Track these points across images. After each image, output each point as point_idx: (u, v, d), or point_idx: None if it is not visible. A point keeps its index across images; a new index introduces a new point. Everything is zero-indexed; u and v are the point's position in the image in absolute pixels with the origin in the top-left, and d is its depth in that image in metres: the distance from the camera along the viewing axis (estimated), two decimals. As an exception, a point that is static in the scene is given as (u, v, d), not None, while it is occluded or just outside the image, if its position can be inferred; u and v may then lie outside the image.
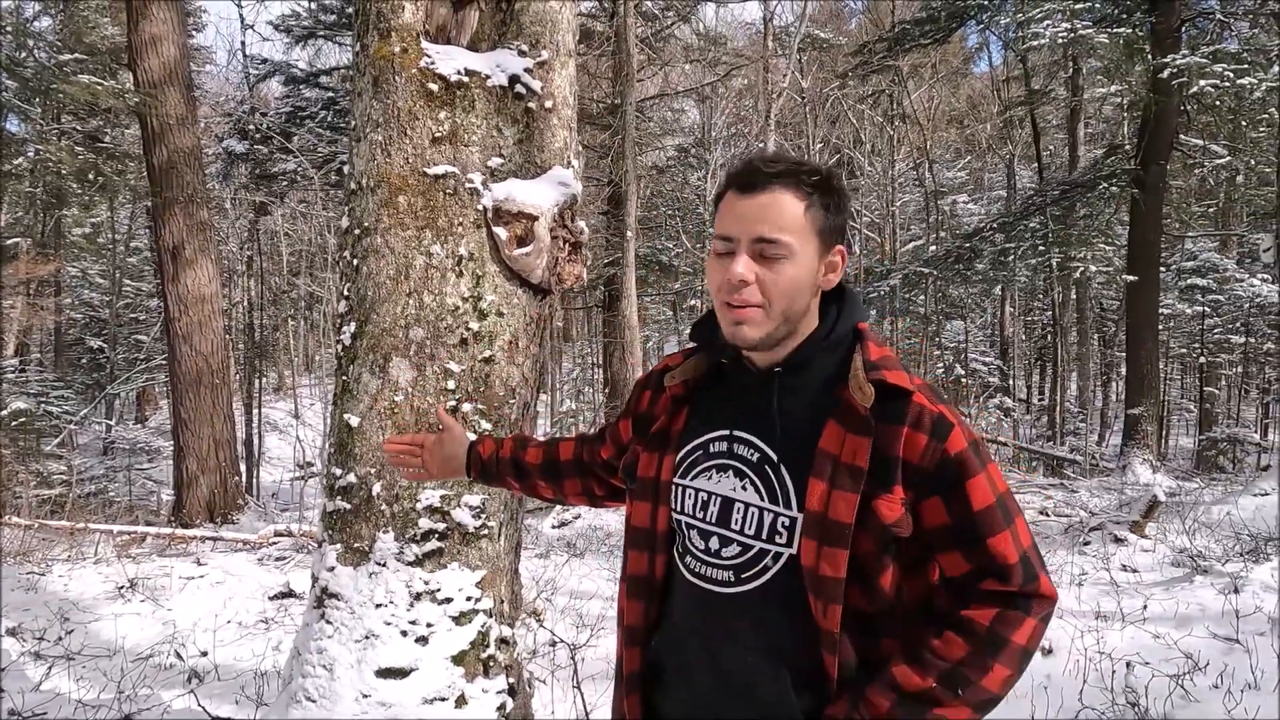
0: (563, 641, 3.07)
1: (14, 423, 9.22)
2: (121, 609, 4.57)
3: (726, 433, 1.07)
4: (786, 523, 1.02)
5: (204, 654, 3.95)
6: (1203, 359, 15.83)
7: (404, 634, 1.71)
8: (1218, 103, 8.40)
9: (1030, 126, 15.32)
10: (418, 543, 1.77)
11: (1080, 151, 15.32)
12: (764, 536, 1.03)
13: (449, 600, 1.75)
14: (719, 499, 1.06)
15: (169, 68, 7.79)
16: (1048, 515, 6.71)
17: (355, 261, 1.91)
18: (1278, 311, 14.20)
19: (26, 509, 7.38)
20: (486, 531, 1.84)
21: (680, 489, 1.09)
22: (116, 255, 18.17)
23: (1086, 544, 5.56)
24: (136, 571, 5.15)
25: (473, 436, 1.42)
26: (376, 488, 1.79)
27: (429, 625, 1.72)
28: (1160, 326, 12.02)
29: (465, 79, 1.89)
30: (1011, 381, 19.98)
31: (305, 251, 22.55)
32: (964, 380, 18.36)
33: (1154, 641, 3.25)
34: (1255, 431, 16.80)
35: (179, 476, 8.08)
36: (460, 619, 1.76)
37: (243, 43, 15.56)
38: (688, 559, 1.08)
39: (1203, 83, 8.18)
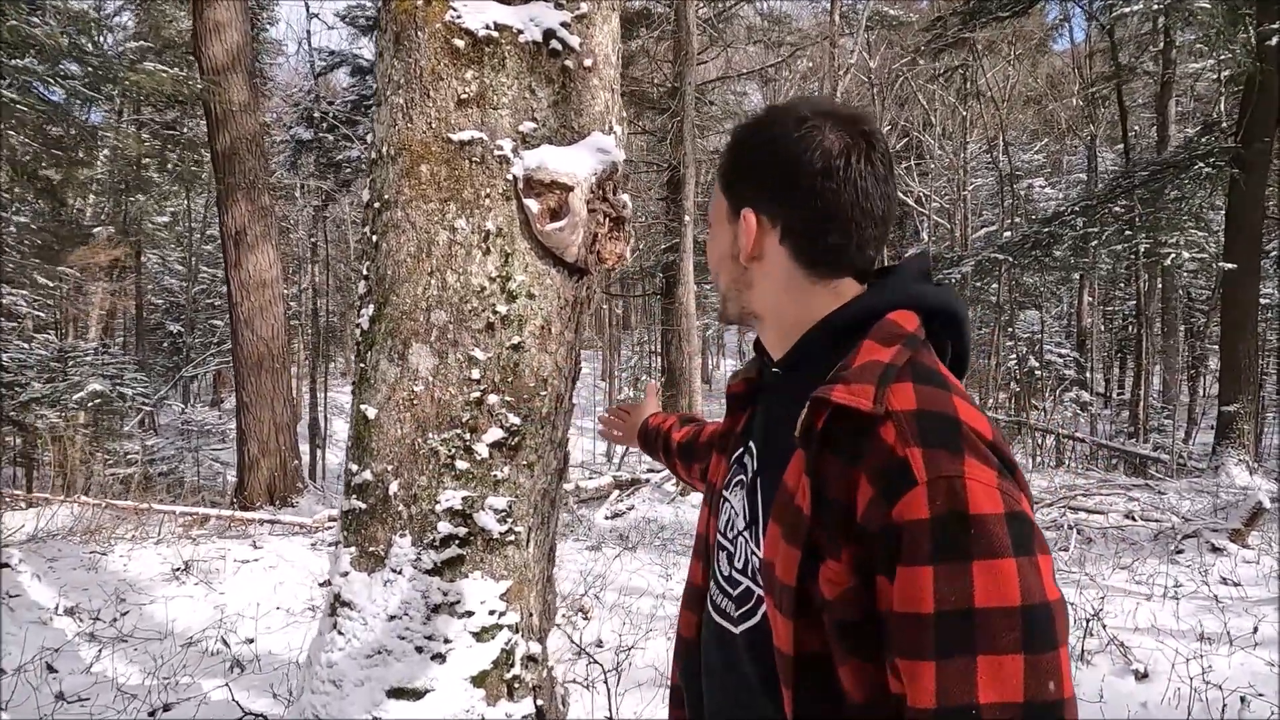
0: (596, 662, 2.89)
1: (90, 403, 9.57)
2: (175, 591, 4.60)
3: (751, 442, 0.93)
4: (757, 563, 0.82)
5: (250, 641, 3.92)
6: (1305, 353, 14.73)
7: (419, 650, 1.54)
8: (1335, 72, 7.65)
9: (1116, 105, 14.42)
10: (436, 549, 1.60)
11: (1170, 131, 14.35)
12: (749, 574, 0.85)
13: (470, 614, 1.57)
14: (737, 519, 0.90)
15: (232, 54, 7.86)
16: (1134, 519, 6.23)
17: (375, 238, 1.74)
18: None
19: (98, 488, 7.61)
20: (513, 538, 1.65)
21: (722, 500, 0.96)
22: (193, 242, 18.81)
23: (1179, 552, 5.12)
24: (193, 553, 5.20)
25: (656, 408, 1.58)
26: (394, 486, 1.63)
27: (447, 641, 1.55)
28: (1258, 318, 11.15)
29: (495, 34, 1.70)
30: (1089, 375, 19.03)
31: (370, 239, 22.94)
32: (1038, 373, 17.56)
33: (1268, 670, 2.89)
34: (1362, 431, 15.60)
35: (241, 459, 8.22)
36: (482, 635, 1.58)
37: (308, 31, 15.83)
38: (712, 585, 0.93)
39: (1317, 50, 7.46)
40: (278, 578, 4.98)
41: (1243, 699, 2.59)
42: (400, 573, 1.59)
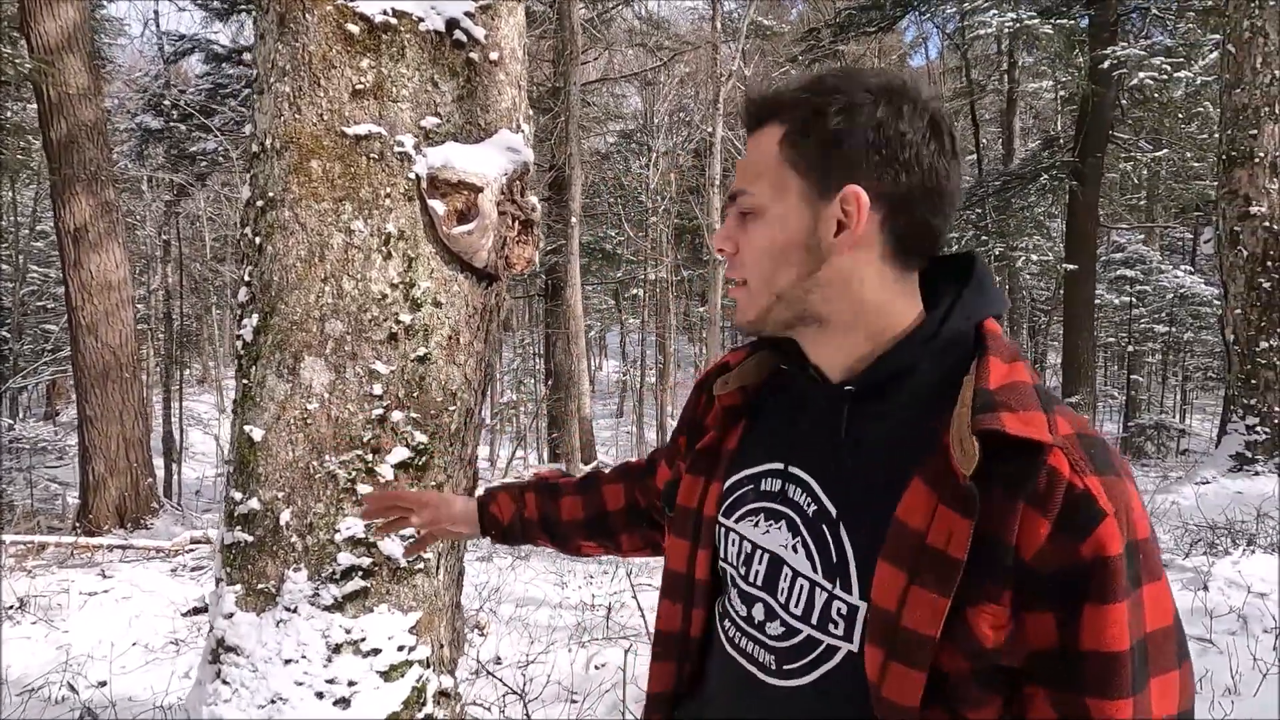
0: (513, 691, 2.77)
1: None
2: (9, 633, 4.09)
3: (782, 466, 0.79)
4: (844, 610, 0.72)
5: (102, 684, 3.53)
6: (1130, 347, 16.36)
7: (320, 696, 1.39)
8: (1156, 94, 8.52)
9: (969, 119, 15.51)
10: (337, 582, 1.45)
11: (1016, 145, 15.57)
12: (814, 621, 0.74)
13: (376, 651, 1.44)
14: (767, 556, 0.78)
15: (68, 32, 7.11)
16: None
17: (258, 240, 1.57)
18: (1217, 299, 14.68)
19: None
20: (422, 565, 1.53)
21: (724, 530, 0.83)
22: (19, 239, 16.90)
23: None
24: (30, 588, 4.65)
25: (476, 493, 1.18)
26: (285, 515, 1.47)
27: (351, 684, 1.41)
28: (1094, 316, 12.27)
29: (393, 20, 1.57)
30: (948, 370, 20.30)
31: (230, 237, 21.46)
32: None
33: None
34: (1174, 417, 17.52)
35: (84, 479, 7.45)
36: (390, 674, 1.45)
37: (155, 13, 14.58)
38: (726, 623, 0.82)
39: (1142, 74, 8.29)
40: (133, 610, 4.53)
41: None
42: (295, 611, 1.44)
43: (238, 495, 1.52)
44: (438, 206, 1.57)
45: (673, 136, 20.55)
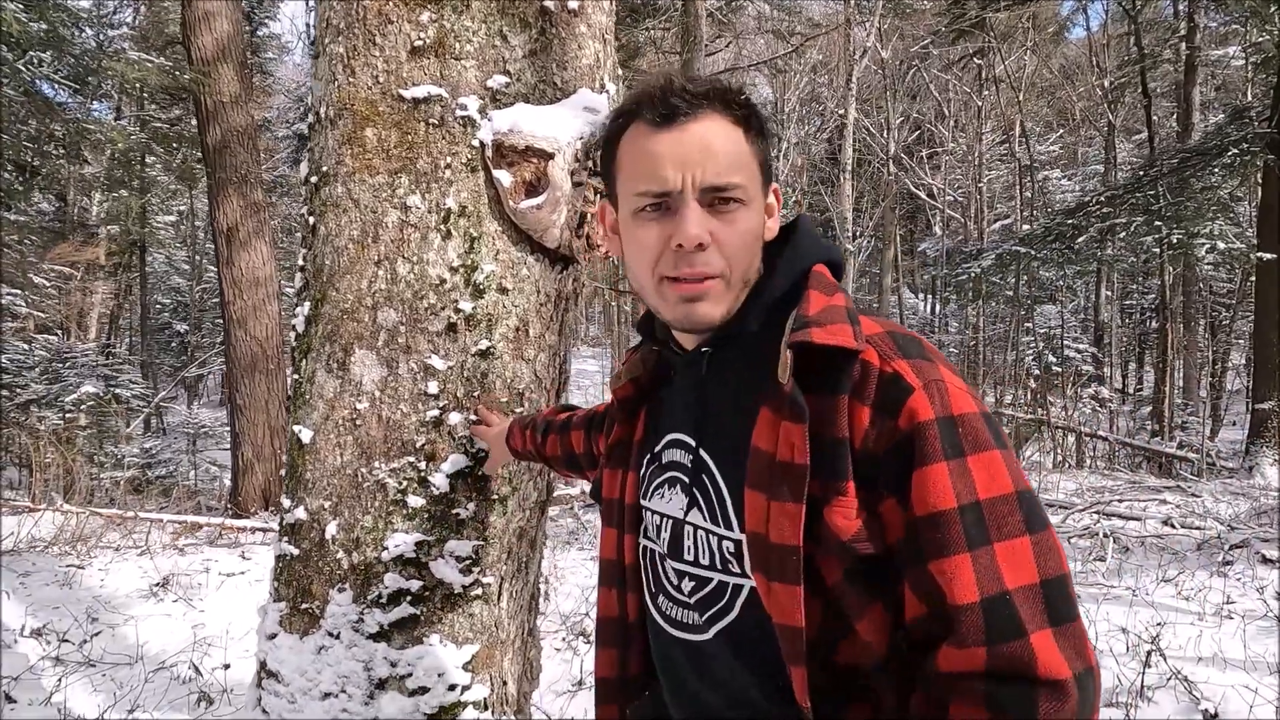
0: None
1: (84, 405, 9.33)
2: (152, 609, 4.31)
3: (671, 436, 0.88)
4: (732, 547, 0.79)
5: (226, 667, 3.63)
6: (1337, 347, 14.25)
7: (359, 738, 1.22)
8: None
9: (1140, 90, 13.97)
10: (383, 607, 1.27)
11: (1194, 119, 13.89)
12: (717, 565, 0.82)
13: (424, 690, 1.25)
14: (670, 522, 0.86)
15: (222, 44, 7.58)
16: (1173, 526, 5.85)
17: (312, 220, 1.42)
18: None
19: (84, 494, 7.33)
20: (480, 591, 1.33)
21: (647, 512, 0.90)
22: (198, 241, 18.60)
23: (1228, 564, 4.75)
24: (174, 566, 4.91)
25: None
26: (331, 528, 1.31)
27: (394, 727, 1.23)
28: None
29: (456, -33, 1.37)
30: (1108, 370, 18.58)
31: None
32: (1056, 368, 17.16)
33: (1359, 712, 2.54)
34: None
35: (235, 463, 7.95)
36: (440, 716, 1.26)
37: (308, 25, 15.53)
38: (660, 599, 0.87)
39: (1362, 28, 7.05)
40: (263, 593, 4.67)
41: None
42: (338, 637, 1.27)
43: (287, 503, 1.37)
44: (504, 178, 1.36)
45: (805, 126, 19.86)
